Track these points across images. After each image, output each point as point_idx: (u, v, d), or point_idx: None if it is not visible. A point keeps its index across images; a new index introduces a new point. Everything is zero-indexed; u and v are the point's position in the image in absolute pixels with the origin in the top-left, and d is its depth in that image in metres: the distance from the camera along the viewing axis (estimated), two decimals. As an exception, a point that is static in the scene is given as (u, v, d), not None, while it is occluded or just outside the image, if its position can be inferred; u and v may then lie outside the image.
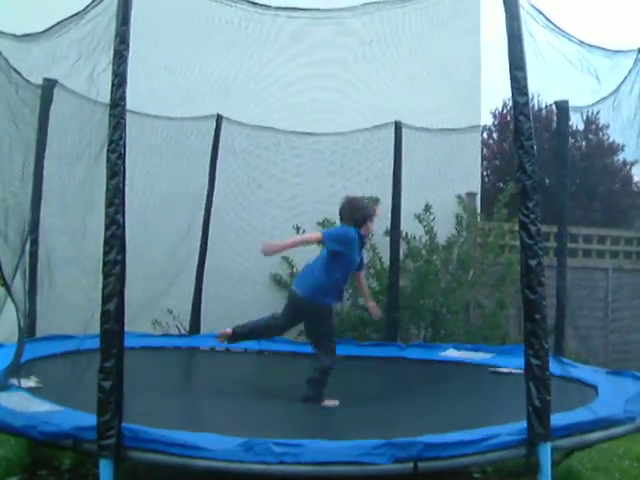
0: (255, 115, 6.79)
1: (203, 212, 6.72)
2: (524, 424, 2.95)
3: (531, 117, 2.99)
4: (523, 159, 2.94)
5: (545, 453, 2.89)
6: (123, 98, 2.78)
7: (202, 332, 6.45)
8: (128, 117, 6.22)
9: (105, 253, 2.77)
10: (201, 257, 6.69)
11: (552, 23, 3.38)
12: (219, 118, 6.81)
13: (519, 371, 4.98)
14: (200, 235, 6.70)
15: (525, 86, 2.98)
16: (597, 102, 5.43)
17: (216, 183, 6.78)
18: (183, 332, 6.63)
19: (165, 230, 6.86)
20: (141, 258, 6.71)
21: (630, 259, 8.94)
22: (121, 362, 2.79)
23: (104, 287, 2.75)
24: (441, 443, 2.80)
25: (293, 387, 4.59)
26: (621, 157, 11.73)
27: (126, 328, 5.97)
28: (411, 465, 2.74)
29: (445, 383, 5.04)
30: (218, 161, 6.83)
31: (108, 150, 2.75)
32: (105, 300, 2.75)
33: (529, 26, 3.11)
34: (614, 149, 11.70)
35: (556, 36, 3.25)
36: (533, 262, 2.89)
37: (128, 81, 2.96)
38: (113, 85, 2.79)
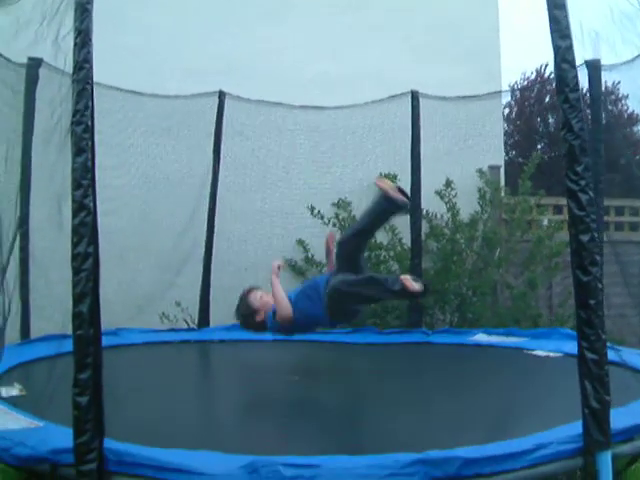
0: (260, 91, 6.36)
1: (208, 197, 6.29)
2: (578, 427, 2.49)
3: (575, 65, 2.51)
4: (569, 115, 2.44)
5: (605, 463, 2.43)
6: (88, 60, 2.32)
7: (212, 325, 6.05)
8: (123, 96, 5.90)
9: (74, 245, 2.31)
10: (208, 245, 6.26)
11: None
12: (222, 94, 6.35)
13: (557, 355, 4.67)
14: (206, 221, 6.27)
15: (567, 27, 2.49)
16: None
17: (221, 165, 6.34)
18: (192, 326, 6.22)
19: (169, 217, 6.46)
20: (144, 249, 6.34)
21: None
22: (99, 372, 2.34)
23: (74, 286, 2.29)
24: (483, 457, 2.34)
25: (310, 383, 4.22)
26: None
27: (133, 323, 5.63)
28: (448, 485, 2.29)
29: (477, 372, 4.59)
30: (222, 141, 6.39)
31: (72, 122, 2.30)
32: (76, 301, 2.29)
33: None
34: (633, 120, 11.26)
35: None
36: (585, 237, 2.40)
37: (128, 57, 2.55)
38: (76, 45, 2.33)
